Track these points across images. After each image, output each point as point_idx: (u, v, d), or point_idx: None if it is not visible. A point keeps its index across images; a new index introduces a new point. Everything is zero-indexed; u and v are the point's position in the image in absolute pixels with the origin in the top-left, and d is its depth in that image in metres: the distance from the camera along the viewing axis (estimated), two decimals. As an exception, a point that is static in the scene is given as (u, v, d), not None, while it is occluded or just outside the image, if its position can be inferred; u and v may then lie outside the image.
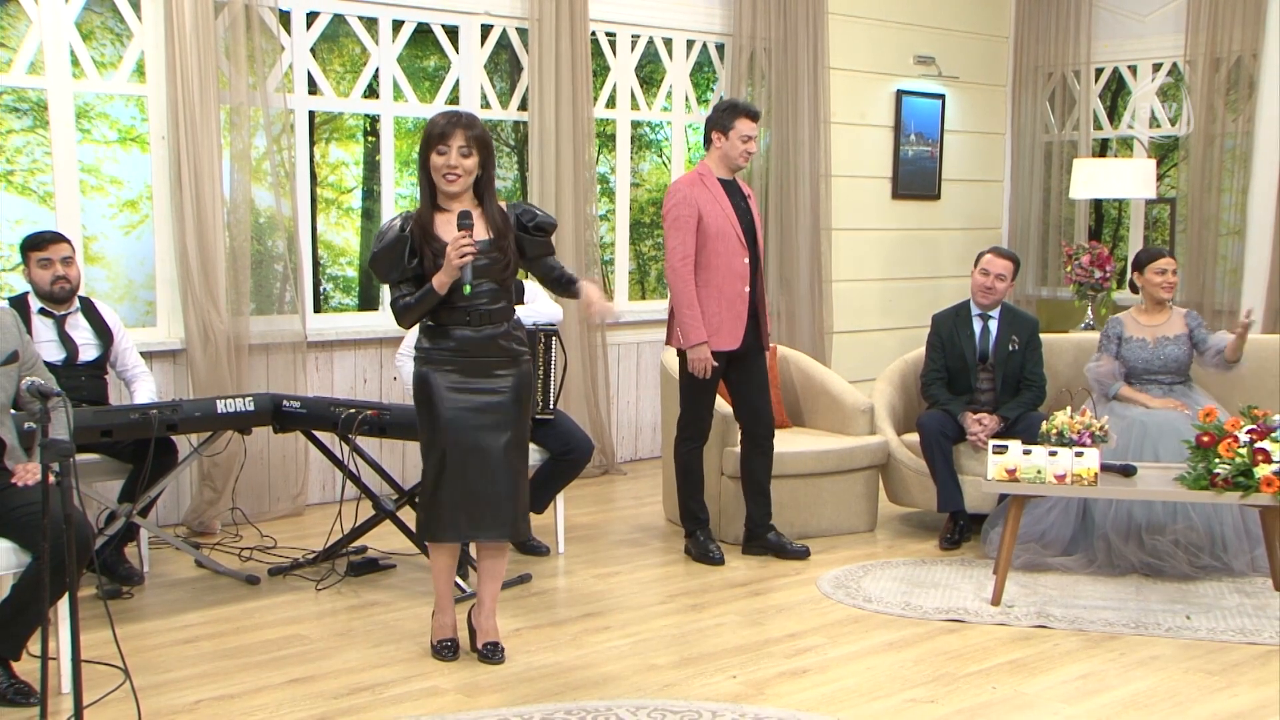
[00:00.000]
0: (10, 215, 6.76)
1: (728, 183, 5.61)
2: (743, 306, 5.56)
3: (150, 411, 4.88)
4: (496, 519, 4.23)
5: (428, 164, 4.17)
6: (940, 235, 9.24)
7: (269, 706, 4.02)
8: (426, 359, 4.23)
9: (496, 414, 4.22)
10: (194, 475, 6.15)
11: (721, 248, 5.52)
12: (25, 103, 6.99)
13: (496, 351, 4.23)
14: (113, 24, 6.48)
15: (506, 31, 7.21)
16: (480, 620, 4.46)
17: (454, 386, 4.18)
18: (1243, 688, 4.24)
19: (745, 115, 5.53)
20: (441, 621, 4.48)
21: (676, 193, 5.58)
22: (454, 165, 4.12)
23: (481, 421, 4.19)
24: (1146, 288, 5.99)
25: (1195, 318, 6.00)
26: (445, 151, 4.12)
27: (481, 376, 4.21)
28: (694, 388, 5.63)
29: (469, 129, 4.13)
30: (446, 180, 4.13)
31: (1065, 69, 9.09)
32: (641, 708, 3.99)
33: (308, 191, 6.65)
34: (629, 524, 6.46)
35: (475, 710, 3.97)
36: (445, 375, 4.19)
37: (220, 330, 6.08)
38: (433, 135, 4.14)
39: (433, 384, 4.20)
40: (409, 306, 4.16)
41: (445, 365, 4.20)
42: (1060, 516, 5.68)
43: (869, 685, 4.24)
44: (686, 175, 5.70)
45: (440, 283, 4.08)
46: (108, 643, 4.14)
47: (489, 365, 4.22)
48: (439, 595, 4.46)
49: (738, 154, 5.54)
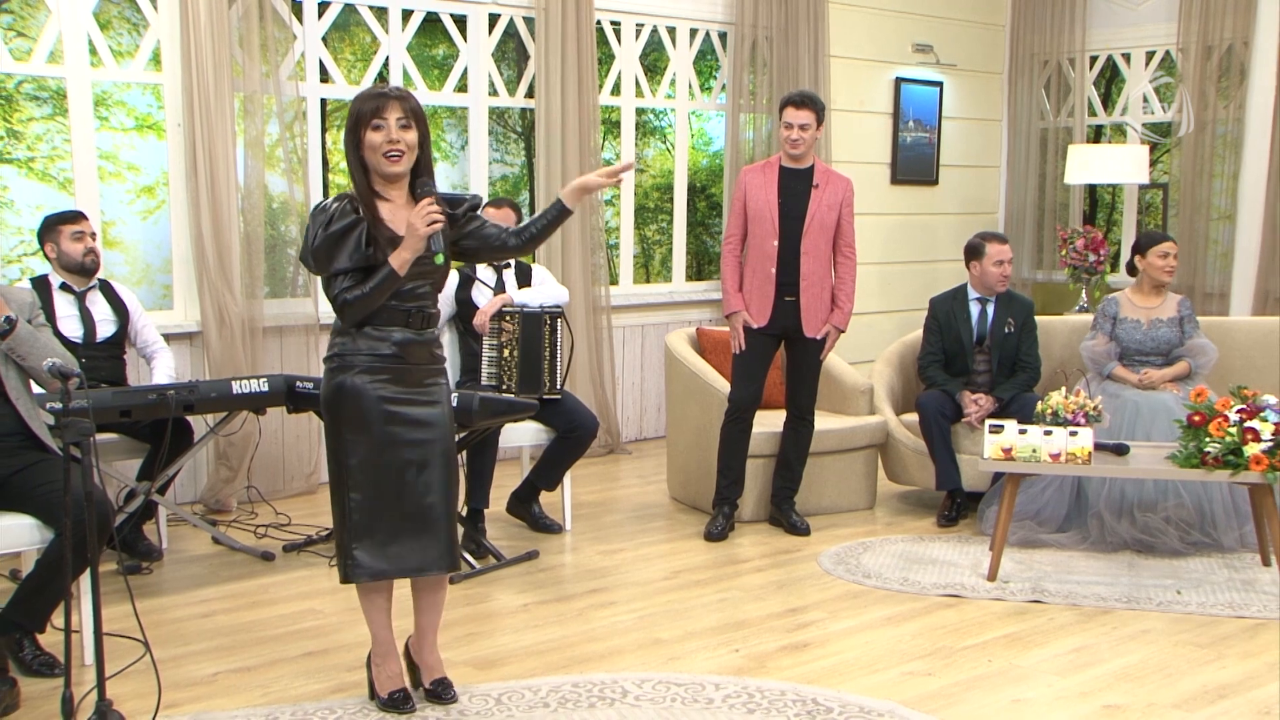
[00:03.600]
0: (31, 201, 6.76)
1: (795, 171, 5.58)
2: (770, 288, 5.57)
3: (168, 392, 4.90)
4: (435, 548, 3.65)
5: (360, 146, 3.54)
6: (938, 220, 9.24)
7: (284, 679, 4.04)
8: (349, 366, 3.56)
9: (432, 429, 3.64)
10: (210, 454, 6.17)
11: (758, 229, 5.59)
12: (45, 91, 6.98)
13: (430, 359, 3.67)
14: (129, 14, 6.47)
15: (513, 20, 7.21)
16: (423, 656, 3.85)
17: (389, 398, 3.57)
18: (1231, 660, 4.25)
19: (788, 104, 5.54)
20: (388, 672, 3.78)
21: (738, 178, 5.74)
22: (395, 140, 3.51)
23: (416, 437, 3.61)
24: (1148, 271, 5.97)
25: (1187, 305, 5.99)
26: (382, 125, 3.50)
27: (416, 386, 3.62)
28: (734, 361, 5.70)
29: (404, 100, 3.54)
30: (389, 160, 3.52)
31: (1061, 57, 9.07)
32: (646, 680, 4.00)
33: (320, 177, 6.64)
34: (634, 502, 6.48)
35: (486, 682, 3.98)
36: (378, 385, 3.56)
37: (235, 313, 6.09)
38: (364, 111, 3.51)
39: (362, 395, 3.55)
40: (363, 297, 3.49)
41: (379, 374, 3.56)
42: (1055, 494, 5.70)
43: (868, 658, 4.25)
44: (758, 162, 5.81)
45: (402, 261, 3.48)
46: (128, 616, 4.16)
47: (423, 374, 3.65)
48: (376, 642, 3.78)
49: (783, 140, 5.55)
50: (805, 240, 5.55)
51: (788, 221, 5.55)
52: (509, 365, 5.52)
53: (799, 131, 5.49)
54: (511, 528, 5.87)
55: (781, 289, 5.58)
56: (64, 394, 3.38)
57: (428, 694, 3.82)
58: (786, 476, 5.88)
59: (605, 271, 7.50)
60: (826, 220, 5.58)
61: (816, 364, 5.74)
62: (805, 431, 5.82)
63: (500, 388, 5.49)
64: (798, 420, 5.80)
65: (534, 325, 5.54)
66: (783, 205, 5.55)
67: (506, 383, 5.51)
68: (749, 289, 5.63)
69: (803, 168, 5.59)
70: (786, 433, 5.84)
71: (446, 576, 3.84)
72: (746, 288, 5.64)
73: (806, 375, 5.73)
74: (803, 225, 5.55)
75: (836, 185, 5.64)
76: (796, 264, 5.57)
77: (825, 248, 5.61)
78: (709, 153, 9.58)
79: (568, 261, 7.25)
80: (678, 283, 8.23)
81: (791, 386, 5.77)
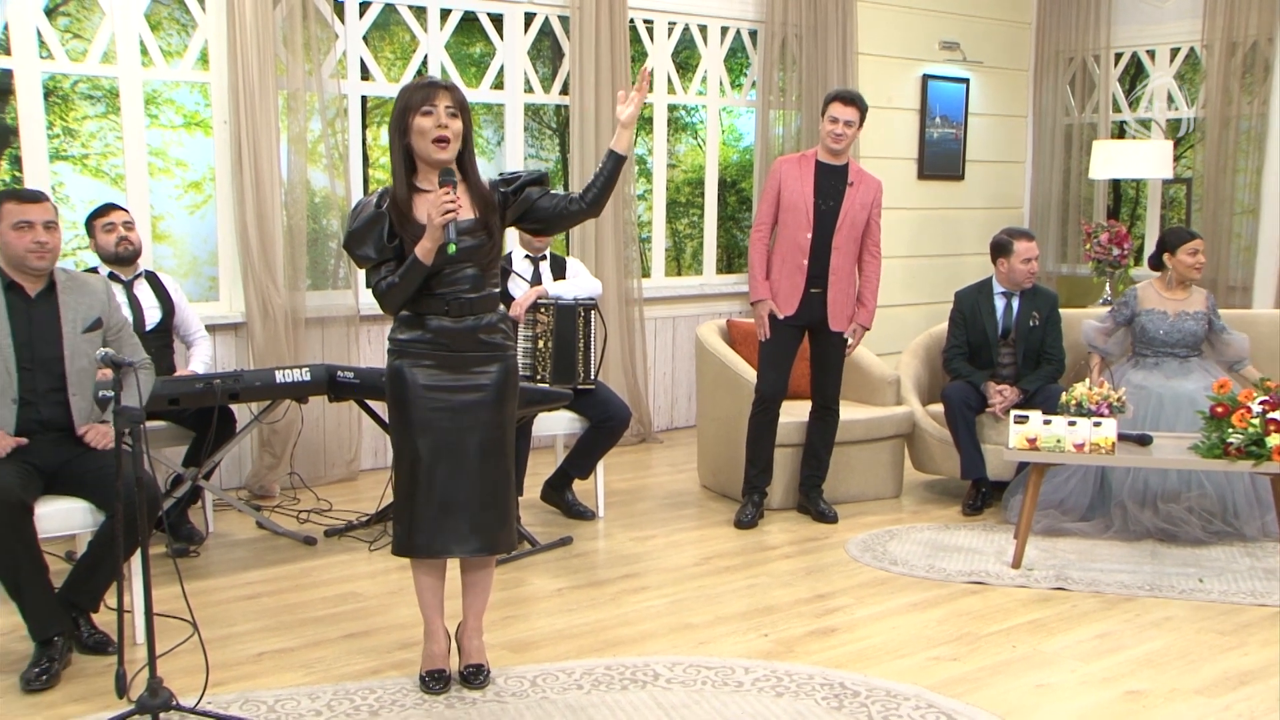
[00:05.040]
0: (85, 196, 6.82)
1: (831, 167, 5.57)
2: (800, 279, 5.55)
3: (214, 381, 4.94)
4: (473, 531, 3.64)
5: (406, 134, 3.52)
6: (964, 214, 9.19)
7: (326, 660, 4.07)
8: (401, 352, 3.63)
9: (475, 414, 3.62)
10: (254, 442, 6.22)
11: (790, 220, 5.57)
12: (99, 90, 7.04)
13: (476, 346, 3.63)
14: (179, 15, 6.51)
15: (548, 19, 7.21)
16: (464, 640, 3.88)
17: (430, 384, 3.59)
18: (1253, 647, 4.22)
19: (835, 99, 5.51)
20: (430, 651, 3.84)
21: (773, 166, 5.70)
22: (444, 125, 3.49)
23: (458, 423, 3.61)
24: (1177, 268, 5.91)
25: (1212, 300, 5.95)
26: (432, 112, 3.48)
27: (459, 372, 3.61)
28: (761, 350, 5.69)
29: (452, 91, 3.52)
30: (437, 146, 3.50)
31: (1085, 54, 9.00)
32: (677, 663, 4.01)
33: (360, 172, 6.67)
34: (665, 489, 6.48)
35: (521, 665, 4.01)
36: (421, 370, 3.60)
37: (278, 304, 6.13)
38: (415, 99, 3.49)
39: (406, 380, 3.60)
40: (394, 286, 3.53)
41: (422, 359, 3.60)
42: (1079, 484, 5.67)
43: (894, 644, 4.25)
44: (794, 154, 5.77)
45: (424, 250, 3.46)
46: (177, 598, 4.22)
47: (468, 361, 3.62)
48: (426, 620, 3.85)
49: (825, 134, 5.51)
50: (837, 236, 5.54)
51: (821, 216, 5.54)
52: (544, 356, 5.53)
53: (844, 127, 5.47)
54: (546, 514, 5.89)
55: (810, 281, 5.57)
56: (115, 383, 3.41)
57: (461, 677, 3.85)
58: (814, 465, 5.88)
59: (638, 264, 7.50)
60: (858, 219, 5.58)
61: (841, 356, 5.73)
62: (831, 421, 5.81)
63: (535, 378, 5.51)
64: (824, 410, 5.79)
65: (568, 317, 5.55)
66: (818, 199, 5.54)
67: (541, 373, 5.53)
68: (777, 278, 5.61)
69: (839, 164, 5.57)
70: (813, 423, 5.84)
71: (493, 561, 3.88)
72: (775, 276, 5.62)
73: (832, 367, 5.72)
74: (836, 221, 5.54)
75: (869, 185, 5.63)
76: (827, 258, 5.56)
77: (854, 245, 5.60)
78: (739, 148, 9.55)
79: (601, 254, 7.26)
80: (708, 275, 8.23)
81: (817, 378, 5.76)
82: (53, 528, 3.95)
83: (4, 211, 3.98)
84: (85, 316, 4.09)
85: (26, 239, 3.97)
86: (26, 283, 4.05)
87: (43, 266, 4.01)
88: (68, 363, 4.05)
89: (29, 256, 3.98)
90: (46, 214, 4.02)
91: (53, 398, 4.04)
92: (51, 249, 4.02)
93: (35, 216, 3.98)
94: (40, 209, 4.01)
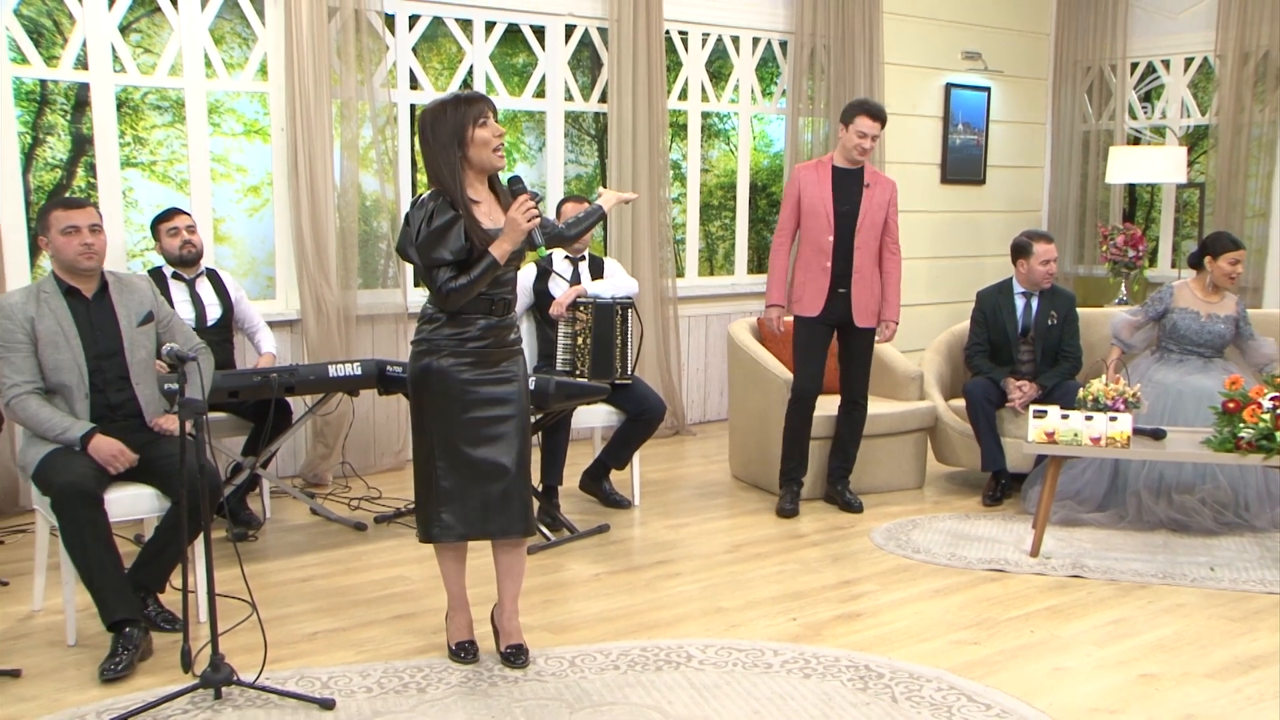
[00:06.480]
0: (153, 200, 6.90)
1: (847, 171, 5.56)
2: (824, 280, 5.55)
3: (271, 375, 4.99)
4: (510, 514, 3.71)
5: (465, 144, 3.55)
6: (985, 217, 9.14)
7: (376, 640, 4.10)
8: (435, 350, 3.64)
9: (508, 406, 3.70)
10: (308, 432, 6.26)
11: (812, 224, 5.56)
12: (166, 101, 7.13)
13: (507, 342, 3.74)
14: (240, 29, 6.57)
15: (588, 31, 7.23)
16: (502, 622, 3.91)
17: (471, 379, 3.64)
18: (1262, 633, 4.19)
19: (865, 113, 5.47)
20: (456, 623, 3.94)
21: (792, 174, 5.70)
22: (501, 133, 3.59)
23: (495, 414, 3.67)
24: (1215, 274, 5.85)
25: (1243, 305, 5.91)
26: (487, 123, 3.55)
27: (494, 367, 3.69)
28: (795, 350, 5.70)
29: (494, 106, 3.62)
30: (497, 155, 3.59)
31: (1103, 63, 8.93)
32: (709, 645, 4.02)
33: (409, 177, 6.70)
34: (698, 480, 6.49)
35: (560, 646, 4.02)
36: (462, 368, 3.63)
37: (331, 302, 6.17)
38: (471, 112, 3.54)
39: (447, 376, 3.62)
40: (466, 285, 3.54)
41: (464, 357, 3.63)
42: (1095, 476, 5.64)
43: (917, 628, 4.25)
44: (811, 160, 5.76)
45: (502, 251, 3.54)
46: (237, 579, 4.26)
47: (501, 356, 3.71)
48: (451, 596, 3.93)
49: (852, 146, 5.49)
50: (858, 236, 5.53)
51: (842, 218, 5.53)
52: (583, 352, 5.55)
53: (871, 141, 5.48)
54: (584, 503, 5.91)
55: (835, 281, 5.56)
56: (180, 376, 3.46)
57: (502, 657, 3.86)
58: (841, 457, 5.87)
59: (672, 265, 7.51)
60: (877, 219, 5.57)
61: (868, 351, 5.72)
62: (859, 415, 5.80)
63: (574, 373, 5.52)
64: (851, 405, 5.79)
65: (606, 315, 5.57)
66: (837, 203, 5.53)
67: (580, 368, 5.54)
68: (803, 280, 5.60)
69: (855, 168, 5.57)
70: (841, 416, 5.83)
71: (525, 546, 3.89)
72: (800, 279, 5.61)
73: (859, 362, 5.71)
74: (856, 222, 5.53)
75: (884, 186, 5.62)
76: (850, 258, 5.55)
77: (875, 243, 5.59)
78: (770, 154, 9.55)
79: (638, 255, 7.27)
80: (740, 275, 8.22)
81: (845, 373, 5.75)
82: (121, 512, 4.00)
83: (52, 219, 4.07)
84: (137, 312, 4.19)
85: (75, 243, 4.05)
86: (82, 285, 4.13)
87: (92, 267, 4.09)
88: (128, 354, 4.14)
89: (79, 259, 4.06)
90: (91, 218, 4.10)
91: (117, 386, 4.12)
92: (98, 250, 4.10)
93: (81, 221, 4.06)
94: (84, 214, 4.09)
